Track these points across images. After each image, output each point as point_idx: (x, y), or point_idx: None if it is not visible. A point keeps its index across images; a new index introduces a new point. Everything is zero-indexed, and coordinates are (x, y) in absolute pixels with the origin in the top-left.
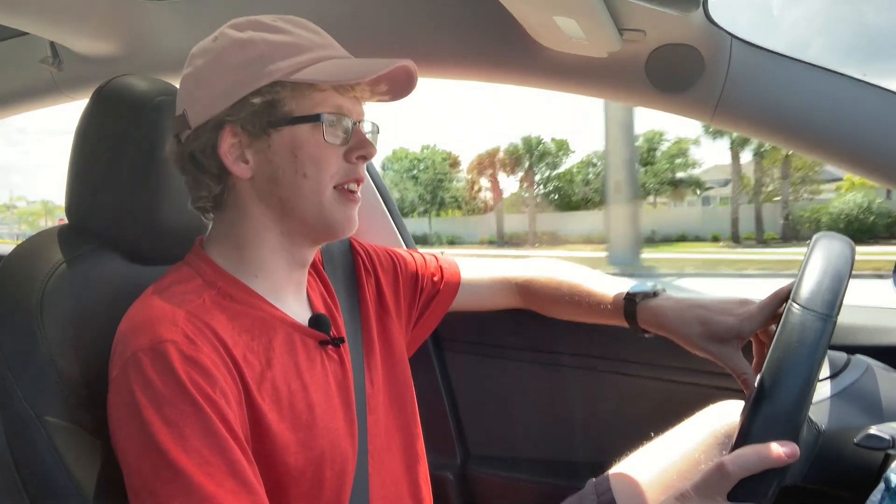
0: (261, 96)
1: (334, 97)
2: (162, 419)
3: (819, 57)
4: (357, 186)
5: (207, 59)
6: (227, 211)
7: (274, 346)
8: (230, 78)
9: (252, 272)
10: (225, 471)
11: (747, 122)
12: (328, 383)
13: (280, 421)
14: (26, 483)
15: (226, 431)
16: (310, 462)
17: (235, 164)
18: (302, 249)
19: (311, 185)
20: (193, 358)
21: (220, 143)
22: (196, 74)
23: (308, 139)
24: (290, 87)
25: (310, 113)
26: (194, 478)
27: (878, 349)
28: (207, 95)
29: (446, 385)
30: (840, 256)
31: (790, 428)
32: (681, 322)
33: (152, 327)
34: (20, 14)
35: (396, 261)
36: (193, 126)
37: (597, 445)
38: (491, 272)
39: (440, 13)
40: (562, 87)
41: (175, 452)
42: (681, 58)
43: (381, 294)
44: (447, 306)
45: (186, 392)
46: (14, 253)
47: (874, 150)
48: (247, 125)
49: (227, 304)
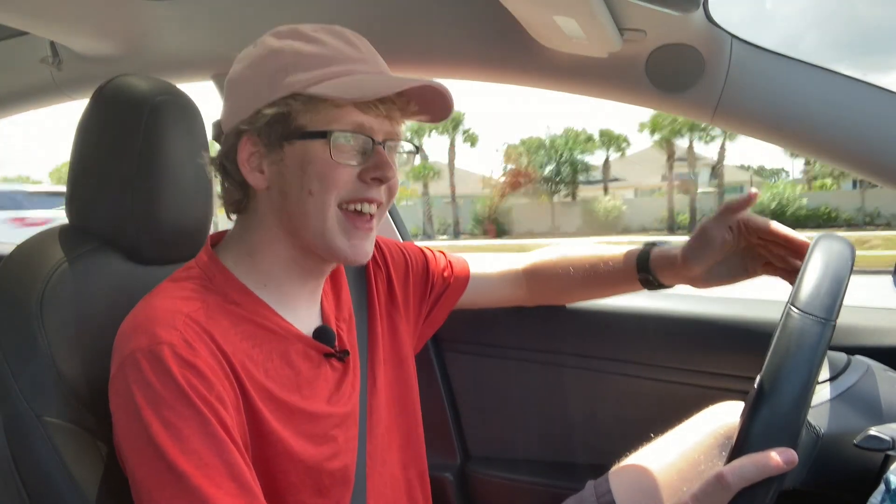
0: (275, 108)
1: (355, 114)
2: (161, 420)
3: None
4: (368, 207)
5: (242, 66)
6: (247, 219)
7: (275, 355)
8: (254, 87)
9: (262, 281)
10: (224, 473)
11: (747, 122)
12: (330, 394)
13: (282, 429)
14: (26, 483)
15: (224, 434)
16: (311, 470)
17: (251, 174)
18: (315, 263)
19: (316, 203)
20: (190, 362)
21: (240, 151)
22: (233, 80)
23: (318, 155)
24: (303, 100)
25: (321, 128)
26: (193, 479)
27: (878, 350)
28: (235, 103)
29: (446, 386)
30: (839, 259)
31: (789, 432)
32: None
33: (152, 328)
34: (20, 13)
35: (407, 256)
36: (224, 132)
37: (596, 446)
38: (498, 266)
39: (440, 13)
40: (562, 87)
41: (174, 454)
42: (681, 58)
43: (391, 289)
44: (455, 301)
45: (184, 394)
46: (14, 253)
47: (874, 150)
48: (263, 136)
49: (231, 310)
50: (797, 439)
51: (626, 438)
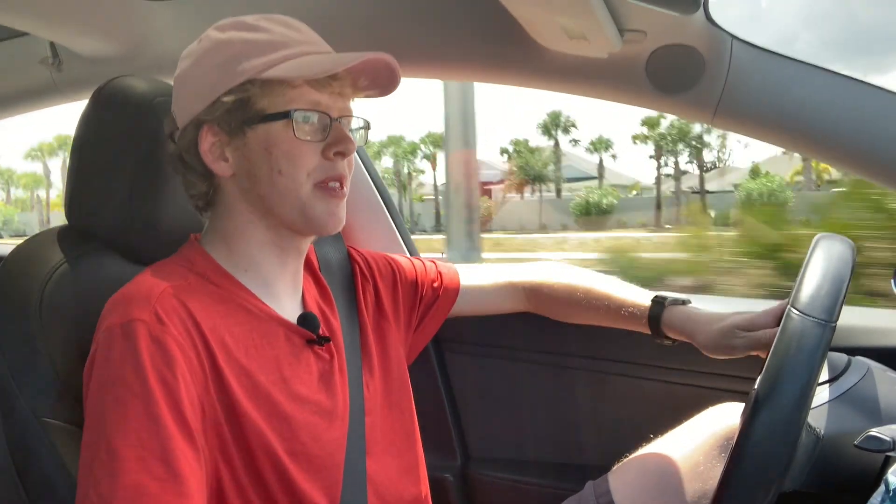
0: (233, 95)
1: (310, 93)
2: (111, 397)
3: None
4: (340, 184)
5: (191, 61)
6: (216, 208)
7: (255, 335)
8: (208, 79)
9: (242, 267)
10: (158, 456)
11: (748, 122)
12: (312, 380)
13: (255, 408)
14: (26, 483)
15: (171, 419)
16: (289, 454)
17: (216, 163)
18: (292, 240)
19: (287, 182)
20: (158, 338)
21: (201, 142)
22: (181, 76)
23: (281, 136)
24: (260, 84)
25: (281, 110)
26: (125, 461)
27: (878, 351)
28: (189, 96)
29: (446, 386)
30: (840, 259)
31: (789, 433)
32: (708, 330)
33: (125, 305)
34: (20, 14)
35: (395, 268)
36: (180, 126)
37: (596, 447)
38: (494, 277)
39: (440, 13)
40: (562, 88)
41: (113, 431)
42: (681, 58)
43: (379, 301)
44: (447, 312)
45: (142, 372)
46: (14, 253)
47: (874, 150)
48: (223, 124)
49: (213, 290)
50: (797, 440)
51: (625, 439)
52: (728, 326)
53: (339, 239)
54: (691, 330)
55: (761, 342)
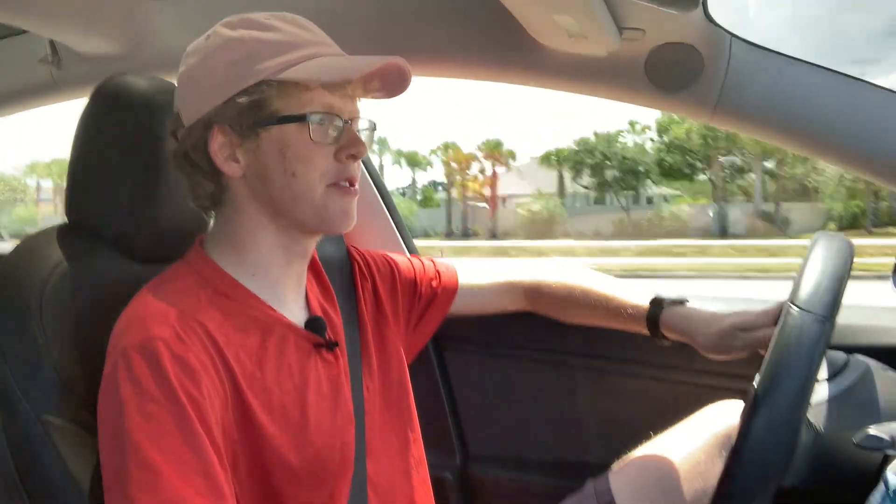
0: (247, 96)
1: (324, 95)
2: (142, 414)
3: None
4: (351, 183)
5: (199, 58)
6: (224, 209)
7: (268, 345)
8: (219, 77)
9: (250, 271)
10: (198, 470)
11: (747, 121)
12: (321, 385)
13: (272, 422)
14: (26, 482)
15: (204, 433)
16: (303, 462)
17: (226, 164)
18: (300, 242)
19: (301, 184)
20: (182, 357)
21: (211, 142)
22: (188, 73)
23: (295, 138)
24: (276, 86)
25: (296, 112)
26: (164, 474)
27: (877, 349)
28: (198, 94)
29: (446, 385)
30: (839, 256)
31: (789, 430)
32: (707, 331)
33: (144, 324)
34: (19, 12)
35: (394, 267)
36: (186, 125)
37: (596, 445)
38: (493, 276)
39: (439, 11)
40: (561, 86)
41: (149, 447)
42: (680, 57)
43: (378, 299)
44: (445, 311)
45: (171, 390)
46: (14, 252)
47: (874, 150)
48: (235, 125)
49: (222, 303)
50: (797, 437)
51: (626, 437)
52: (727, 327)
53: (340, 238)
54: (690, 331)
55: (760, 342)
